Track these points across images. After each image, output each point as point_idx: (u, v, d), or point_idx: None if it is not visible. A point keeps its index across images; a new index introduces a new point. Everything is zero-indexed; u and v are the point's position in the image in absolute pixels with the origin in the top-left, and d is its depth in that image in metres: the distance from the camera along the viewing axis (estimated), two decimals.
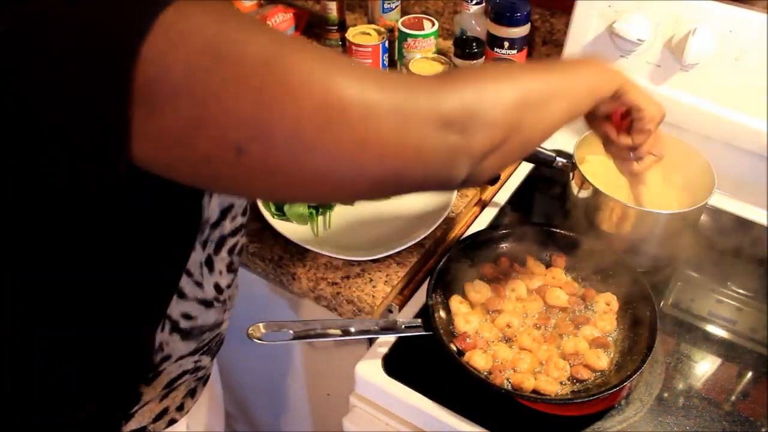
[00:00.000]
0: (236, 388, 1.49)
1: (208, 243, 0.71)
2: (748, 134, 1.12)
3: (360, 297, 0.98)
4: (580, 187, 1.07)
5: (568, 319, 0.97)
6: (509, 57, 1.28)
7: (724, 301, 1.07)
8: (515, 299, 0.99)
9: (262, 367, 1.36)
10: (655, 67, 1.16)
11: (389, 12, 1.45)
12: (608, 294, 0.99)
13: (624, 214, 1.02)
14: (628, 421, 0.88)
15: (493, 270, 1.03)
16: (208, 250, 0.72)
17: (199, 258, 0.71)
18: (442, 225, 1.08)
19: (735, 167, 1.13)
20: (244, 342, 0.86)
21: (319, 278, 1.00)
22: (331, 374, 1.20)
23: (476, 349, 0.91)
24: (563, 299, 0.98)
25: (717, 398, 0.92)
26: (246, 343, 0.86)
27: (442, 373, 0.90)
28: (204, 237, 0.69)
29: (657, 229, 1.04)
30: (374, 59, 1.32)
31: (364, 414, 0.96)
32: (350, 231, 1.06)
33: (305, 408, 1.36)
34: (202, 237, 0.69)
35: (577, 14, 1.21)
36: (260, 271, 1.05)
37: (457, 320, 0.95)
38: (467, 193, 1.15)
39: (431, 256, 1.07)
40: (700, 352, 0.98)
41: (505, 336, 0.94)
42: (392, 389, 0.90)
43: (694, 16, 1.09)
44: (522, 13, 1.24)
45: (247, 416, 1.57)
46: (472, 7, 1.32)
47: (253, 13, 1.57)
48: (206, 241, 0.70)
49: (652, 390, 0.92)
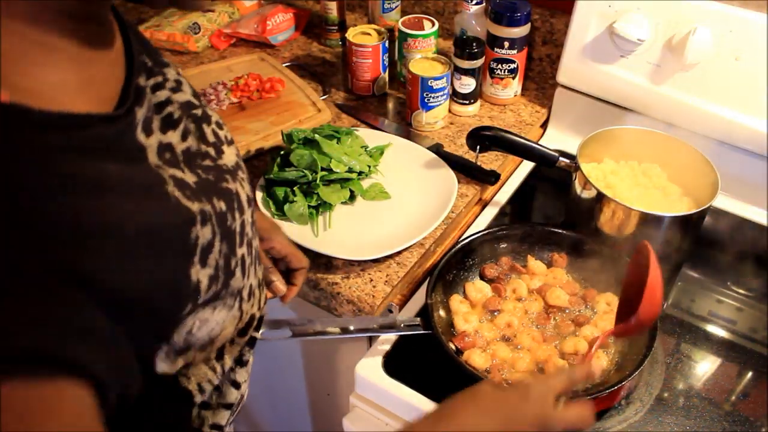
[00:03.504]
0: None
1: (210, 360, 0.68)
2: (748, 134, 1.12)
3: (360, 297, 0.98)
4: (583, 187, 1.07)
5: (568, 319, 0.97)
6: (509, 57, 1.28)
7: (724, 301, 1.07)
8: (515, 299, 0.99)
9: (262, 367, 1.36)
10: (655, 67, 1.16)
11: (389, 12, 1.45)
12: (609, 294, 0.99)
13: (627, 217, 1.02)
14: (628, 421, 0.88)
15: (493, 270, 1.03)
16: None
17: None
18: (442, 225, 1.08)
19: (735, 167, 1.13)
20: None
21: (319, 278, 1.00)
22: (331, 374, 1.20)
23: (475, 348, 0.91)
24: (564, 299, 0.98)
25: (717, 398, 0.92)
26: None
27: (442, 373, 0.90)
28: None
29: (660, 231, 1.04)
30: (374, 59, 1.32)
31: (364, 414, 0.96)
32: (350, 231, 1.06)
33: (305, 408, 1.36)
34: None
35: (577, 14, 1.21)
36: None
37: (456, 319, 0.95)
38: (467, 193, 1.15)
39: (431, 256, 1.07)
40: (700, 352, 0.98)
41: (505, 335, 0.94)
42: (392, 389, 0.90)
43: (694, 16, 1.09)
44: (522, 13, 1.24)
45: (247, 416, 1.57)
46: (472, 7, 1.32)
47: (253, 13, 1.58)
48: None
49: (652, 390, 0.92)
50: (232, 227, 0.61)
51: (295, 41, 1.57)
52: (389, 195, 1.12)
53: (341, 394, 1.22)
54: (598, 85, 1.24)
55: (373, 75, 1.35)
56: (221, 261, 0.59)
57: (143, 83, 0.58)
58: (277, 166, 1.10)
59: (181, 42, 1.51)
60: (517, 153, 1.14)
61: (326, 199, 1.06)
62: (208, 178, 0.61)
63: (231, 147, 0.69)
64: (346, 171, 1.09)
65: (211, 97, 1.32)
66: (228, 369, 0.71)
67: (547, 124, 1.36)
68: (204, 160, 0.64)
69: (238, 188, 0.65)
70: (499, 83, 1.33)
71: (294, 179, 1.07)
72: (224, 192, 0.62)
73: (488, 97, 1.36)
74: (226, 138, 0.69)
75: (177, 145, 0.60)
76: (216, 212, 0.58)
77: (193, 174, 0.59)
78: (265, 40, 1.52)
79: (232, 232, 0.61)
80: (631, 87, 1.20)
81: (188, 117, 0.64)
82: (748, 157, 1.14)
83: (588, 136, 1.10)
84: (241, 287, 0.64)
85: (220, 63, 1.46)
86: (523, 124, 1.32)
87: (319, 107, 1.31)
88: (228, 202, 0.61)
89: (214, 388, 0.70)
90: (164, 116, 0.60)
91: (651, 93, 1.18)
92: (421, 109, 1.25)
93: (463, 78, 1.27)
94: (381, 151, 1.19)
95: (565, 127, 1.33)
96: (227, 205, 0.61)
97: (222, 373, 0.70)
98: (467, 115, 1.33)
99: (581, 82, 1.27)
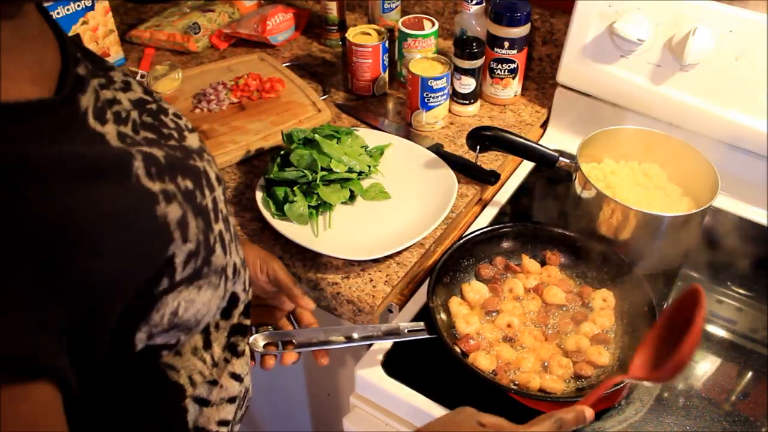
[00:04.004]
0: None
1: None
2: (748, 134, 1.12)
3: (360, 297, 0.98)
4: (583, 187, 1.07)
5: (567, 317, 0.97)
6: (509, 57, 1.28)
7: (724, 301, 1.07)
8: (513, 298, 0.99)
9: None
10: (655, 67, 1.16)
11: (389, 12, 1.45)
12: (604, 290, 0.99)
13: (627, 217, 1.02)
14: (628, 421, 0.88)
15: (489, 270, 1.03)
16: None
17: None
18: (442, 225, 1.08)
19: (735, 167, 1.13)
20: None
21: (319, 278, 1.00)
22: (331, 374, 1.20)
23: (480, 350, 0.92)
24: (561, 297, 0.98)
25: (717, 398, 0.92)
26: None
27: (442, 373, 0.90)
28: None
29: (660, 231, 1.04)
30: (374, 59, 1.32)
31: (365, 414, 0.96)
32: (350, 231, 1.06)
33: (305, 408, 1.36)
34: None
35: (577, 14, 1.21)
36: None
37: (457, 322, 0.95)
38: (467, 193, 1.15)
39: (431, 256, 1.07)
40: (700, 352, 0.98)
41: (507, 336, 0.94)
42: (392, 389, 0.90)
43: (694, 16, 1.09)
44: (522, 13, 1.24)
45: (247, 416, 1.57)
46: (472, 7, 1.32)
47: (253, 13, 1.58)
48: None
49: (652, 390, 0.92)
50: (203, 204, 0.60)
51: (295, 41, 1.57)
52: (389, 195, 1.12)
53: (341, 394, 1.23)
54: (598, 85, 1.24)
55: (373, 75, 1.35)
56: (200, 236, 0.58)
57: (83, 73, 0.56)
58: (277, 166, 1.10)
59: (181, 42, 1.51)
60: (517, 153, 1.14)
61: (326, 199, 1.06)
62: (176, 154, 0.60)
63: (193, 134, 0.68)
64: (346, 171, 1.09)
65: (211, 97, 1.32)
66: (221, 360, 0.71)
67: (547, 124, 1.36)
68: (168, 141, 0.63)
69: (206, 166, 0.64)
70: (499, 83, 1.33)
71: (294, 179, 1.07)
72: (191, 169, 0.61)
73: (488, 97, 1.36)
74: (187, 126, 0.68)
75: (135, 136, 0.59)
76: (181, 190, 0.57)
77: (161, 150, 0.58)
78: (265, 40, 1.52)
79: (204, 208, 0.60)
80: (631, 87, 1.20)
81: (143, 112, 0.63)
82: (748, 157, 1.14)
83: (588, 136, 1.10)
84: (225, 264, 0.63)
85: (220, 63, 1.46)
86: (523, 124, 1.32)
87: (319, 107, 1.31)
88: (195, 180, 0.60)
89: (210, 382, 0.69)
90: (115, 112, 0.59)
91: (651, 93, 1.18)
92: (421, 109, 1.25)
93: (463, 78, 1.27)
94: (381, 151, 1.19)
95: (565, 127, 1.33)
96: (194, 183, 0.60)
97: (213, 364, 0.69)
98: (467, 115, 1.33)
99: (581, 82, 1.27)
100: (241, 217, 1.10)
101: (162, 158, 0.57)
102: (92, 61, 0.62)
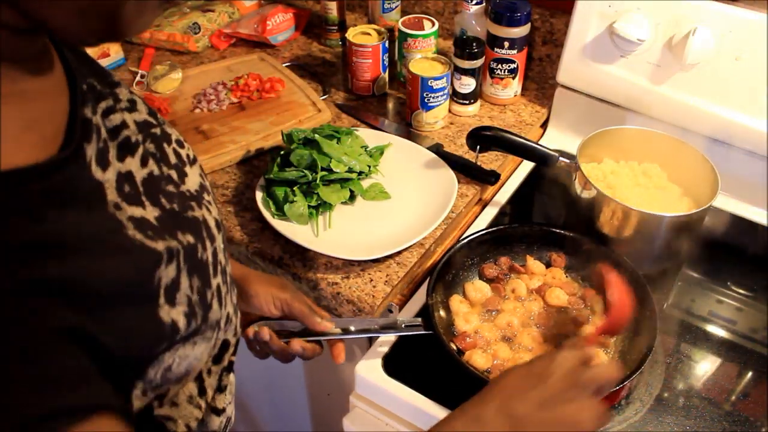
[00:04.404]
0: (236, 388, 1.49)
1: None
2: (748, 134, 1.12)
3: (360, 297, 0.98)
4: (583, 187, 1.07)
5: (568, 319, 0.97)
6: (509, 57, 1.28)
7: (724, 301, 1.07)
8: (515, 299, 0.99)
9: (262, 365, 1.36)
10: (655, 67, 1.16)
11: (389, 12, 1.45)
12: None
13: (627, 217, 1.02)
14: (628, 421, 0.88)
15: (493, 269, 1.03)
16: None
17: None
18: (442, 225, 1.08)
19: (735, 167, 1.13)
20: (244, 342, 0.86)
21: (319, 278, 1.00)
22: (331, 374, 1.20)
23: (476, 348, 0.91)
24: (563, 299, 0.98)
25: (717, 398, 0.92)
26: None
27: (442, 373, 0.90)
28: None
29: (660, 231, 1.04)
30: (374, 59, 1.32)
31: (364, 414, 0.96)
32: (350, 231, 1.06)
33: (305, 408, 1.36)
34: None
35: (577, 14, 1.21)
36: (260, 270, 1.05)
37: (457, 320, 0.96)
38: (467, 193, 1.15)
39: (431, 256, 1.07)
40: (700, 352, 0.98)
41: (506, 336, 0.94)
42: (392, 389, 0.90)
43: (694, 16, 1.09)
44: (522, 13, 1.24)
45: (247, 416, 1.57)
46: (472, 7, 1.32)
47: (253, 13, 1.58)
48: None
49: (652, 390, 0.92)
50: (203, 259, 0.60)
51: (295, 41, 1.57)
52: (389, 195, 1.12)
53: (341, 394, 1.22)
54: (598, 85, 1.24)
55: (373, 75, 1.35)
56: (194, 296, 0.57)
57: (90, 114, 0.54)
58: (277, 166, 1.10)
59: (181, 42, 1.51)
60: (517, 153, 1.14)
61: (326, 199, 1.06)
62: (173, 208, 0.59)
63: (194, 167, 0.67)
64: (346, 171, 1.09)
65: (211, 97, 1.32)
66: (212, 399, 0.70)
67: (547, 124, 1.36)
68: (167, 185, 0.61)
69: (205, 215, 0.63)
70: (499, 83, 1.33)
71: (294, 179, 1.07)
72: (191, 222, 0.60)
73: (488, 97, 1.36)
74: (188, 157, 0.67)
75: (137, 173, 0.57)
76: (183, 246, 0.57)
77: (156, 207, 0.57)
78: (265, 40, 1.52)
79: (204, 264, 0.60)
80: (631, 87, 1.20)
81: (147, 137, 0.62)
82: (748, 157, 1.14)
83: (588, 136, 1.10)
84: (219, 318, 0.63)
85: (220, 63, 1.46)
86: (523, 124, 1.32)
87: (319, 107, 1.31)
88: (196, 232, 0.60)
89: (201, 422, 0.69)
90: (121, 141, 0.57)
91: (651, 93, 1.18)
92: (421, 109, 1.25)
93: (463, 78, 1.27)
94: (381, 151, 1.19)
95: (565, 127, 1.33)
96: (195, 236, 0.59)
97: (206, 408, 0.69)
98: (467, 115, 1.33)
99: (581, 82, 1.27)
100: (241, 217, 1.10)
101: (155, 219, 0.56)
102: (99, 75, 0.60)
